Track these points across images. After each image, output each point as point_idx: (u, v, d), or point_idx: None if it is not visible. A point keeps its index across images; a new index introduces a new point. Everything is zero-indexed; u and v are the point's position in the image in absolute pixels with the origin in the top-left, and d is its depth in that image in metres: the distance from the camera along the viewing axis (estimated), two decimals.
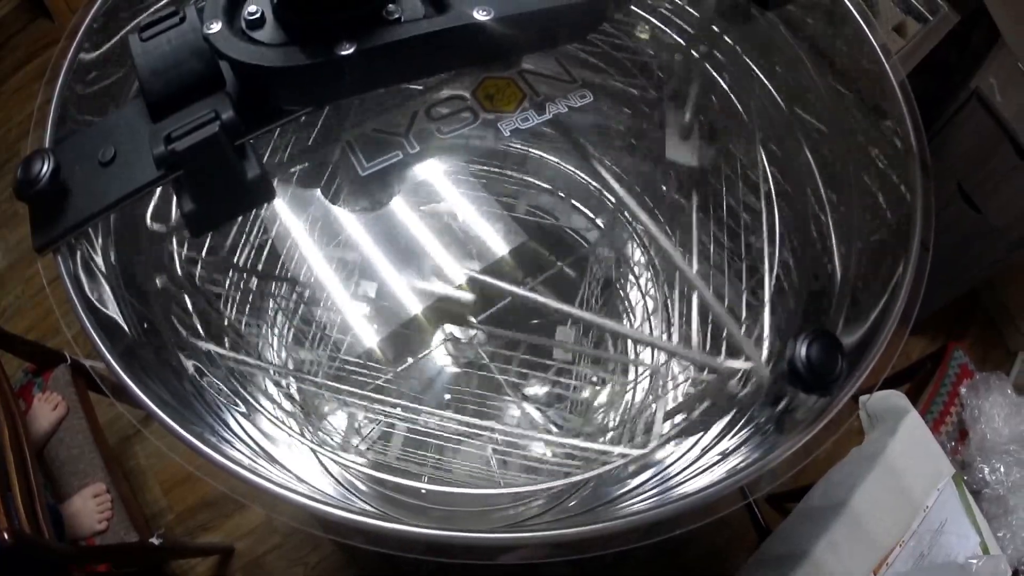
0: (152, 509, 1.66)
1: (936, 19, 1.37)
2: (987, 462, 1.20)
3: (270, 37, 0.46)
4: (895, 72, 0.71)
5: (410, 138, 0.60)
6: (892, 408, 1.10)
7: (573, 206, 1.02)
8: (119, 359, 0.54)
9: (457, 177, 0.76)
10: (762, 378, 0.68)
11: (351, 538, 0.54)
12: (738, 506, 0.57)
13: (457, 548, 0.52)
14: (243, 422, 0.72)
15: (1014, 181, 1.43)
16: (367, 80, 0.47)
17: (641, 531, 0.54)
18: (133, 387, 0.53)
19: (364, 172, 0.57)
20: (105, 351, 0.53)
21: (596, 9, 0.50)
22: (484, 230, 0.81)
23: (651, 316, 1.00)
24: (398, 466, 0.89)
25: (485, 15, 0.45)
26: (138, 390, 0.53)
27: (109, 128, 0.53)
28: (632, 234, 0.99)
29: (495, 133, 0.59)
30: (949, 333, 1.84)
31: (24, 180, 0.51)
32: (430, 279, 0.84)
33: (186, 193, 0.48)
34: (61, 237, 0.52)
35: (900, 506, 1.01)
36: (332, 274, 0.87)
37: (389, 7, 0.45)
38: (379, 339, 0.90)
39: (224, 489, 0.56)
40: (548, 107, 0.62)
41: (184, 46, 0.49)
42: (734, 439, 0.68)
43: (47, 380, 1.39)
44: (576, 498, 0.87)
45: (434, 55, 0.48)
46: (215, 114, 0.46)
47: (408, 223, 0.75)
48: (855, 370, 0.58)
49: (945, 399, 1.34)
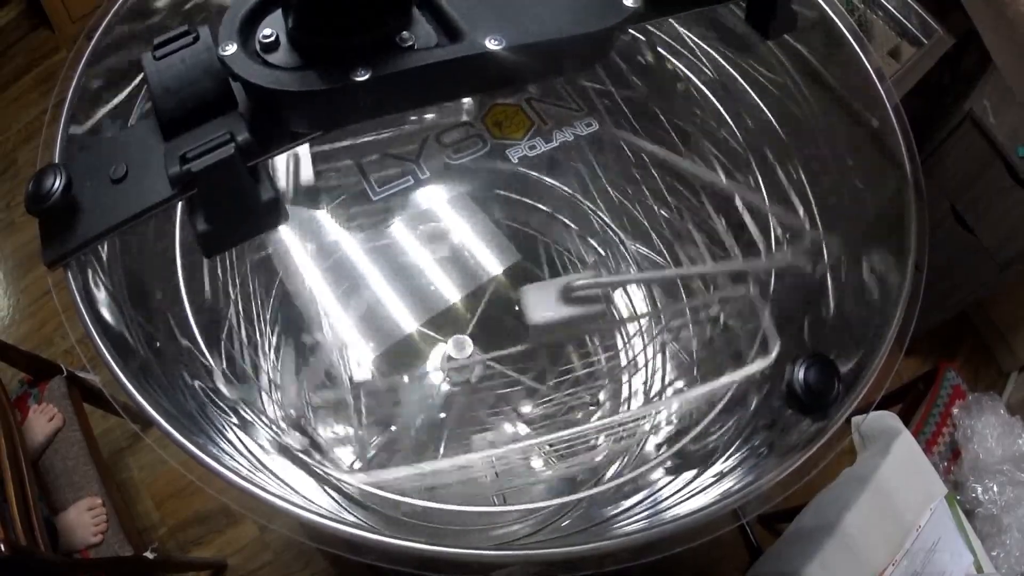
0: (144, 523, 1.65)
1: (931, 42, 1.39)
2: (980, 482, 1.21)
3: (285, 60, 0.47)
4: (889, 96, 0.72)
5: (420, 164, 0.61)
6: (884, 429, 1.11)
7: (574, 230, 1.03)
8: (127, 373, 0.54)
9: (465, 202, 0.77)
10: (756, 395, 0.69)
11: (342, 550, 0.54)
12: (731, 527, 0.58)
13: (447, 564, 0.53)
14: (243, 437, 0.73)
15: (1007, 202, 1.45)
16: (380, 105, 0.48)
17: (634, 551, 0.55)
18: (141, 401, 0.54)
19: (376, 197, 0.58)
20: (114, 364, 0.54)
21: (601, 41, 0.51)
22: (483, 251, 0.82)
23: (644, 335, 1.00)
24: (391, 482, 0.89)
25: (496, 44, 0.46)
26: (146, 404, 0.54)
27: (120, 145, 0.54)
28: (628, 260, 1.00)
29: (503, 160, 0.60)
30: (941, 354, 1.85)
31: (35, 195, 0.52)
32: (428, 298, 0.84)
33: (200, 214, 0.49)
34: (72, 253, 0.52)
35: (892, 526, 1.01)
36: (328, 290, 0.87)
37: (403, 34, 0.46)
38: (374, 357, 0.90)
39: (225, 500, 0.56)
40: (555, 135, 0.63)
41: (197, 65, 0.50)
42: (728, 461, 0.69)
43: (43, 391, 1.39)
44: (569, 518, 0.87)
45: (446, 82, 0.49)
46: (230, 136, 0.47)
47: (411, 244, 0.76)
48: (851, 393, 0.59)
49: (938, 419, 1.35)
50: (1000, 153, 1.41)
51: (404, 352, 0.93)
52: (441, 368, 0.97)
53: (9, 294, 2.00)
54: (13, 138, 2.26)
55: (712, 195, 0.83)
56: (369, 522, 0.87)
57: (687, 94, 0.80)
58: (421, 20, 0.48)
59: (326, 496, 0.87)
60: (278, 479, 0.70)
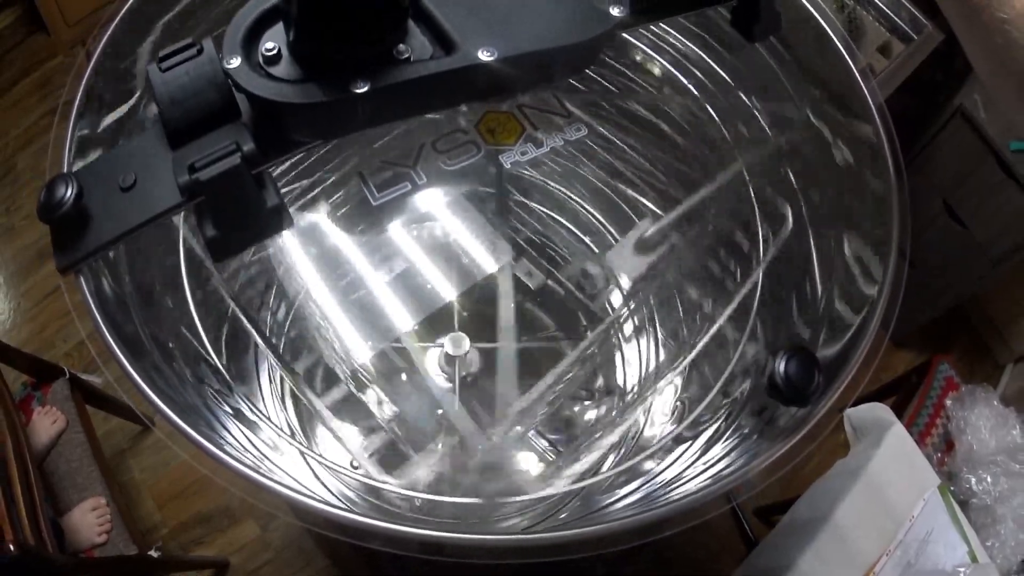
0: (146, 523, 1.67)
1: (920, 38, 1.40)
2: (974, 472, 1.22)
3: (286, 73, 0.49)
4: (873, 95, 0.74)
5: (418, 170, 0.63)
6: (876, 421, 1.12)
7: (567, 228, 1.05)
8: (137, 367, 0.56)
9: (460, 205, 0.79)
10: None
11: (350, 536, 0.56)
12: (722, 509, 0.60)
13: (447, 548, 0.54)
14: (247, 433, 0.75)
15: (999, 196, 1.45)
16: (378, 115, 0.50)
17: (632, 533, 0.57)
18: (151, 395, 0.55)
19: (376, 202, 0.60)
20: (128, 365, 0.56)
21: (589, 49, 0.53)
22: (478, 251, 0.84)
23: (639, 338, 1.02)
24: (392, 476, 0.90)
25: (489, 56, 0.48)
26: (156, 397, 0.55)
27: (128, 154, 0.56)
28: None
29: (497, 165, 0.62)
30: (936, 348, 1.86)
31: (47, 204, 0.54)
32: (425, 296, 0.86)
33: (208, 220, 0.51)
34: (85, 258, 0.54)
35: (885, 517, 1.02)
36: (328, 291, 0.89)
37: (399, 47, 0.48)
38: (371, 354, 0.92)
39: (234, 491, 0.58)
40: (546, 140, 0.66)
41: (202, 77, 0.52)
42: (721, 447, 0.71)
43: (46, 394, 1.40)
44: (567, 510, 0.89)
45: (441, 92, 0.51)
46: (236, 145, 0.49)
47: (409, 245, 0.78)
48: (834, 381, 0.62)
49: (931, 411, 1.36)
50: (992, 148, 1.42)
51: (402, 349, 0.95)
52: (438, 365, 0.99)
53: (10, 297, 2.01)
54: (12, 143, 2.27)
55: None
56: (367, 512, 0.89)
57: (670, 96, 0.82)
58: (416, 32, 0.50)
59: (327, 491, 0.89)
60: (283, 472, 0.72)
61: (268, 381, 0.96)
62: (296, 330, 1.01)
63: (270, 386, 0.96)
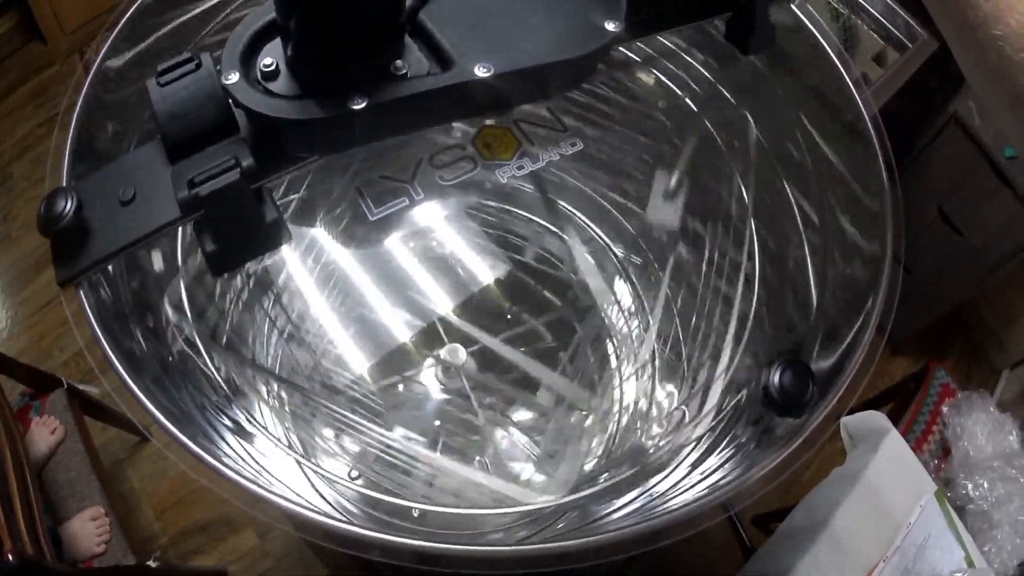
0: (145, 532, 1.66)
1: (915, 47, 1.40)
2: (970, 478, 1.22)
3: (284, 89, 0.49)
4: (867, 105, 0.75)
5: (415, 185, 0.64)
6: (872, 428, 1.13)
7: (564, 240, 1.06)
8: (135, 378, 0.57)
9: (457, 219, 0.79)
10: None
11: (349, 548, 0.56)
12: (719, 519, 0.60)
13: (445, 559, 0.55)
14: (245, 445, 0.75)
15: (994, 202, 1.46)
16: (376, 131, 0.50)
17: (630, 543, 0.57)
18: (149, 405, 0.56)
19: (374, 217, 0.61)
20: (127, 377, 0.56)
21: (585, 64, 0.54)
22: (475, 263, 0.85)
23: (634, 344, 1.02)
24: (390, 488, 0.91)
25: (485, 72, 0.48)
26: (153, 407, 0.56)
27: (128, 168, 0.56)
28: (618, 268, 1.03)
29: (493, 179, 0.63)
30: (933, 354, 1.86)
31: (47, 217, 0.54)
32: (422, 308, 0.87)
33: (207, 234, 0.51)
34: (84, 272, 0.54)
35: (882, 523, 1.03)
36: (326, 303, 0.90)
37: (397, 63, 0.49)
38: (368, 365, 0.93)
39: (233, 501, 0.58)
40: (541, 155, 0.66)
41: (200, 92, 0.52)
42: (718, 457, 0.71)
43: (44, 404, 1.41)
44: (564, 520, 0.89)
45: (438, 108, 0.51)
46: (235, 160, 0.49)
47: (406, 259, 0.78)
48: (829, 388, 0.62)
49: (927, 418, 1.37)
50: (986, 154, 1.43)
51: (399, 360, 0.95)
52: (435, 376, 0.99)
53: (7, 307, 2.01)
54: (8, 152, 2.26)
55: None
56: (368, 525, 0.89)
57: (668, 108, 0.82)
58: (413, 49, 0.50)
59: (325, 503, 0.89)
60: (282, 483, 0.72)
61: (266, 393, 0.96)
62: (294, 343, 1.02)
63: (268, 398, 0.96)
